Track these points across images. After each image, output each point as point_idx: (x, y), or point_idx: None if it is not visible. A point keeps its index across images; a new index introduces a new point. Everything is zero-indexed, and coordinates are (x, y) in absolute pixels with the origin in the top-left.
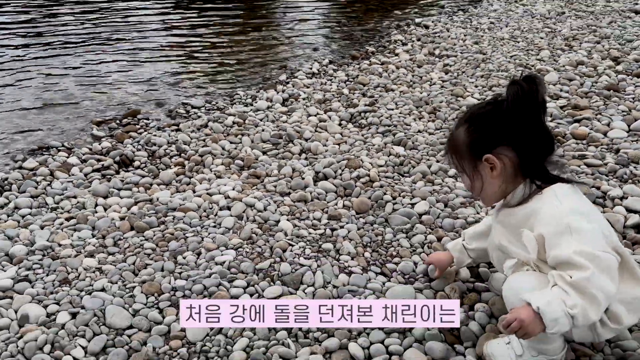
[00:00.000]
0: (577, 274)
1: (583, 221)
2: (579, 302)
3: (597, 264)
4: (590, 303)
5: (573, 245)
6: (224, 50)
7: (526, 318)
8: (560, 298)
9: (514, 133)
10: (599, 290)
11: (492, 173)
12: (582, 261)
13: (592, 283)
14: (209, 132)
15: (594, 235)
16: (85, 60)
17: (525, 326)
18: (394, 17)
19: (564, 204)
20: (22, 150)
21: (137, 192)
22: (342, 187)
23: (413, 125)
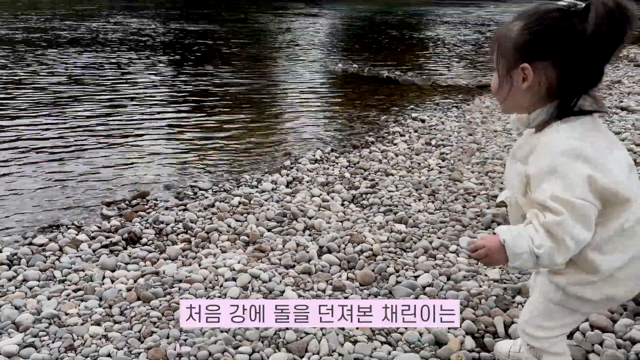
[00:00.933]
0: (550, 216)
1: (573, 163)
2: (547, 243)
3: (572, 211)
4: (557, 247)
5: (552, 188)
6: (231, 137)
7: (492, 247)
8: (530, 235)
9: (571, 54)
10: (570, 236)
11: (523, 84)
12: (556, 206)
13: (563, 228)
14: (215, 211)
15: (577, 181)
16: (96, 142)
17: (490, 254)
18: (391, 112)
19: (561, 142)
20: (33, 228)
21: (144, 265)
22: (345, 260)
23: (413, 205)
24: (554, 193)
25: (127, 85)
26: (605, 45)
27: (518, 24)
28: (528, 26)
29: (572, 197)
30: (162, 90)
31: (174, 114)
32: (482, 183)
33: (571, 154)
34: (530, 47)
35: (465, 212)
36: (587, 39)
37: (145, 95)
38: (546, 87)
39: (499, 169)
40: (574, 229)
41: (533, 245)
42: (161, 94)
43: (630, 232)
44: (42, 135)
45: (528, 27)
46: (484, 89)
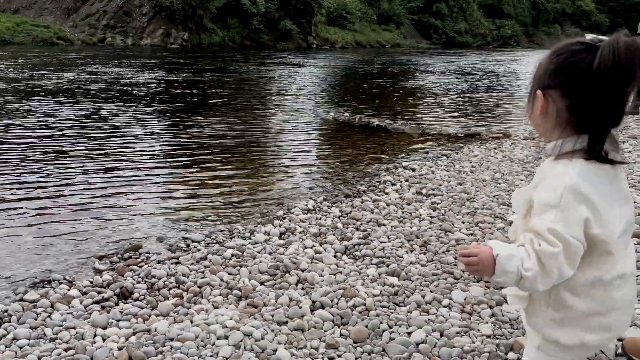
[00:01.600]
0: (545, 245)
1: (577, 205)
2: (535, 269)
3: (565, 247)
4: (543, 275)
5: (552, 221)
6: (223, 188)
7: (484, 259)
8: (521, 257)
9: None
10: (558, 269)
11: (538, 110)
12: (553, 239)
13: (554, 260)
14: (207, 264)
15: (576, 221)
16: (88, 195)
17: (480, 265)
18: (383, 161)
19: (571, 180)
20: (24, 283)
21: (136, 322)
22: (339, 316)
23: (405, 257)
24: (553, 226)
25: (115, 137)
26: (611, 82)
27: (549, 55)
28: (549, 57)
29: (568, 235)
30: (152, 142)
31: (165, 165)
32: (473, 234)
33: (577, 195)
34: (544, 76)
35: (457, 264)
36: (592, 73)
37: (135, 148)
38: (556, 116)
39: (489, 219)
40: (562, 264)
41: (522, 267)
42: (151, 145)
43: (609, 286)
44: (33, 189)
45: (549, 57)
46: (472, 137)
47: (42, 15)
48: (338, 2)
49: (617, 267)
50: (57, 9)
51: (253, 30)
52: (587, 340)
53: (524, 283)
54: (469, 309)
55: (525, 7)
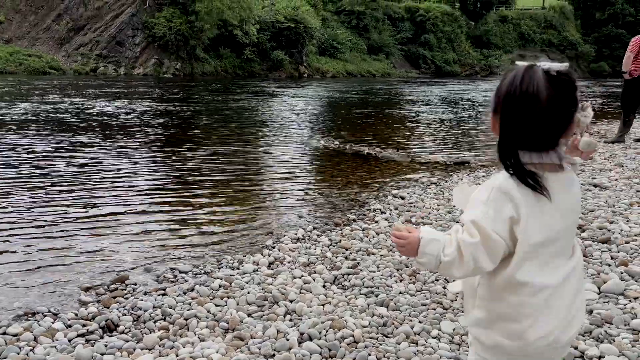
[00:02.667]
0: (466, 235)
1: (503, 202)
2: (454, 255)
3: (485, 240)
4: (460, 262)
5: (477, 214)
6: (212, 217)
7: (411, 240)
8: (444, 243)
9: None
10: (474, 259)
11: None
12: (473, 230)
13: (470, 249)
14: (195, 296)
15: (500, 217)
16: (75, 225)
17: (405, 245)
18: (372, 189)
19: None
20: (7, 316)
21: (121, 356)
22: (327, 348)
23: (395, 286)
24: (475, 218)
25: (102, 167)
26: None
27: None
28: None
29: (490, 229)
30: (140, 171)
31: (153, 195)
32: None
33: (505, 194)
34: (493, 98)
35: (446, 293)
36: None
37: (123, 178)
38: (498, 135)
39: None
40: (479, 255)
41: (442, 252)
42: (139, 175)
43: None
44: (18, 220)
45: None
46: (461, 166)
47: (35, 45)
48: (329, 33)
49: (530, 275)
50: (50, 39)
51: (245, 60)
52: (503, 345)
53: (443, 267)
54: (458, 340)
55: (512, 38)
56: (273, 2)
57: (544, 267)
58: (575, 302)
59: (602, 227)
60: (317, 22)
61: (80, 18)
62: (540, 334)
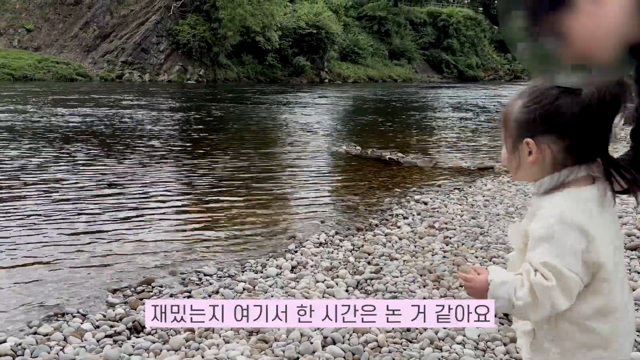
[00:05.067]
0: (540, 278)
1: (569, 233)
2: (527, 299)
3: (559, 280)
4: (534, 306)
5: (545, 253)
6: (236, 222)
7: (478, 283)
8: (515, 285)
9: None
10: (550, 302)
11: (529, 158)
12: (546, 272)
13: (547, 293)
14: (219, 298)
15: (569, 251)
16: (103, 228)
17: (473, 287)
18: (395, 194)
19: (562, 210)
20: (38, 316)
21: (147, 357)
22: (350, 352)
23: (418, 292)
24: (546, 259)
25: (129, 171)
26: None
27: (519, 102)
28: (527, 104)
29: (562, 266)
30: (165, 175)
31: (178, 198)
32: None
33: (568, 224)
34: (530, 123)
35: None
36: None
37: (149, 181)
38: (551, 159)
39: (503, 253)
40: (557, 298)
41: (514, 296)
42: (164, 179)
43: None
44: (47, 222)
45: (527, 105)
46: (485, 171)
47: (62, 52)
48: (350, 38)
49: (616, 296)
50: (77, 46)
51: (267, 66)
52: None
53: (516, 312)
54: (483, 346)
55: None
56: (295, 9)
57: (620, 284)
58: None
59: (631, 234)
60: (339, 27)
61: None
62: (625, 355)
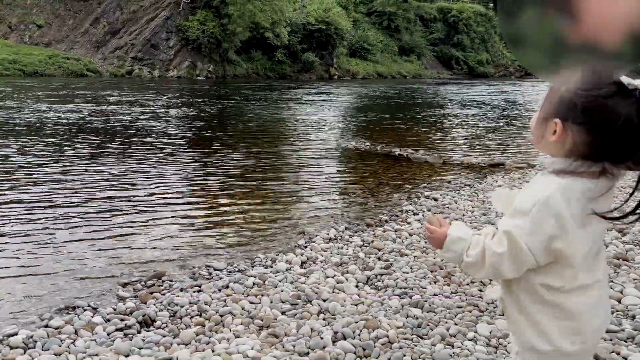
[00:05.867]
0: (493, 243)
1: (544, 214)
2: (477, 258)
3: (513, 251)
4: (480, 266)
5: (512, 225)
6: (245, 216)
7: (438, 234)
8: (469, 244)
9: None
10: (494, 267)
11: (552, 136)
12: (503, 240)
13: (495, 259)
14: (229, 293)
15: (539, 231)
16: (113, 222)
17: (432, 237)
18: (404, 190)
19: (550, 194)
20: (50, 309)
21: (158, 351)
22: (361, 348)
23: (429, 288)
24: (511, 230)
25: (140, 166)
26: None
27: (576, 80)
28: (579, 87)
29: (523, 243)
30: (175, 170)
31: (188, 193)
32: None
33: (550, 209)
34: (570, 107)
35: (482, 296)
36: (626, 122)
37: (159, 176)
38: (571, 146)
39: None
40: (503, 265)
41: (465, 252)
42: (174, 174)
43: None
44: (59, 217)
45: (579, 88)
46: (496, 167)
47: (73, 48)
48: (360, 34)
49: (578, 280)
50: (87, 42)
51: (276, 62)
52: (561, 347)
53: (464, 267)
54: (495, 343)
55: None
56: (304, 5)
57: (588, 270)
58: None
59: None
60: (348, 23)
61: (116, 22)
62: (596, 328)
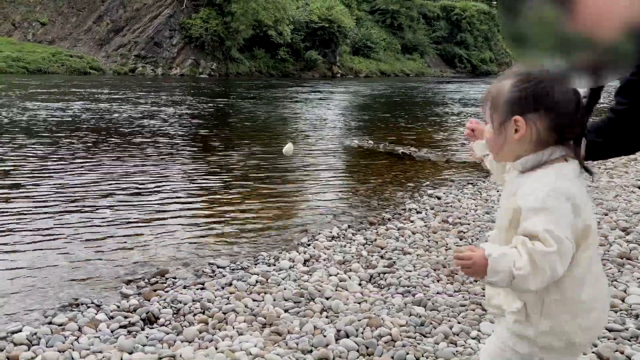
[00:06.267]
0: (540, 245)
1: (563, 203)
2: (527, 268)
3: (560, 246)
4: (535, 274)
5: (544, 222)
6: (248, 214)
7: (477, 260)
8: (513, 258)
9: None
10: (550, 268)
11: (515, 135)
12: (549, 239)
13: (547, 259)
14: (232, 290)
15: (565, 219)
16: (117, 220)
17: (473, 265)
18: (407, 189)
19: (551, 182)
20: (53, 306)
21: (161, 348)
22: (364, 346)
23: (432, 286)
24: (548, 227)
25: (143, 164)
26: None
27: (508, 82)
28: (517, 83)
29: (562, 235)
30: (177, 168)
31: (191, 191)
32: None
33: (560, 194)
34: (521, 101)
35: (483, 302)
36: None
37: (162, 175)
38: (536, 137)
39: None
40: (556, 263)
41: (513, 267)
42: (177, 172)
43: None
44: (63, 214)
45: (517, 84)
46: None
47: (76, 46)
48: (363, 32)
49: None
50: (90, 40)
51: (279, 60)
52: (577, 342)
53: (516, 283)
54: None
55: None
56: (307, 2)
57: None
58: None
59: None
60: (351, 21)
61: (119, 19)
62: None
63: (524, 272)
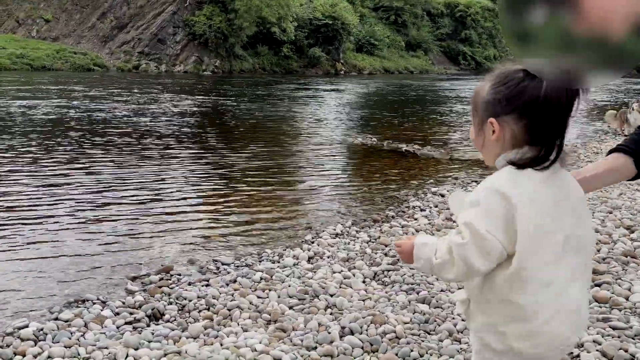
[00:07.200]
0: (456, 237)
1: (492, 197)
2: (445, 257)
3: (475, 240)
4: (450, 264)
5: (467, 215)
6: (252, 212)
7: (406, 247)
8: (436, 247)
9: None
10: (463, 259)
11: (492, 136)
12: (464, 231)
13: (459, 251)
14: (237, 287)
15: (492, 215)
16: (122, 217)
17: (402, 252)
18: (411, 186)
19: (492, 181)
20: (60, 302)
21: (167, 344)
22: (368, 343)
23: (436, 284)
24: (468, 220)
25: (146, 162)
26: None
27: (487, 84)
28: (494, 86)
29: (483, 229)
30: (182, 166)
31: (195, 188)
32: None
33: (498, 194)
34: (496, 104)
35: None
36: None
37: (166, 172)
38: (510, 138)
39: None
40: (470, 256)
41: (434, 256)
42: (181, 170)
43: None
44: (68, 211)
45: (494, 86)
46: None
47: (80, 42)
48: (367, 29)
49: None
50: (94, 37)
51: (282, 57)
52: (515, 347)
53: (436, 270)
54: None
55: None
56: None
57: (552, 261)
58: (584, 302)
59: None
60: (355, 18)
61: (123, 16)
62: (559, 335)
63: (440, 260)
